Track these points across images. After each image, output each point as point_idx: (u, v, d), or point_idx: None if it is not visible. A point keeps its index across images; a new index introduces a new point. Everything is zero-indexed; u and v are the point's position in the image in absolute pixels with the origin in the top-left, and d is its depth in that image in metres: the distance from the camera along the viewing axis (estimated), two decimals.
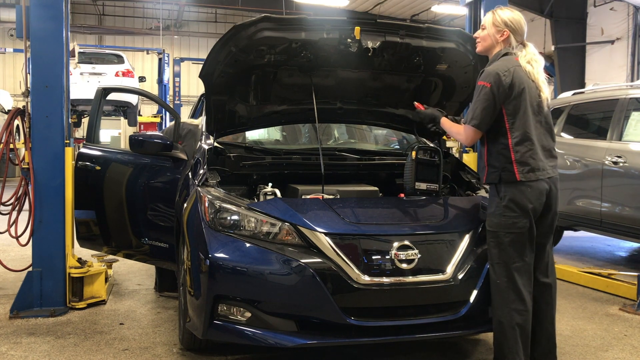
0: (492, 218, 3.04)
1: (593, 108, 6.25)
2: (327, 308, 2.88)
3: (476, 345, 3.71)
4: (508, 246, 2.98)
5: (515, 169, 2.97)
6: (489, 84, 2.96)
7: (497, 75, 2.96)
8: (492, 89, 2.95)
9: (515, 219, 2.97)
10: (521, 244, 2.98)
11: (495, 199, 3.04)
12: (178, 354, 3.48)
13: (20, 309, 4.15)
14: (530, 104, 3.02)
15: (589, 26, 17.09)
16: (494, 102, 2.97)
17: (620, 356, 3.60)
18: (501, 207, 2.99)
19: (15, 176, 15.26)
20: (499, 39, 3.10)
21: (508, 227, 2.98)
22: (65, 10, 4.21)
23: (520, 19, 3.13)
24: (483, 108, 2.98)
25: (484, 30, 3.16)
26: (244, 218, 3.09)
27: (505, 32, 3.09)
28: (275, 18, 3.34)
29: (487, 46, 3.16)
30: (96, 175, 4.39)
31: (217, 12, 24.85)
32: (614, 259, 6.61)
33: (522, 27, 3.11)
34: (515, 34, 3.09)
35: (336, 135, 4.96)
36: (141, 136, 4.27)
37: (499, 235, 2.99)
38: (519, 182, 2.96)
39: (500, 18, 3.09)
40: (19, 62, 20.96)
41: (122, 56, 15.62)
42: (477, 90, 3.02)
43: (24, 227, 4.29)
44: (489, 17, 3.15)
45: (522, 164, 2.97)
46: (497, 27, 3.10)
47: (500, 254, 3.00)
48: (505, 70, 2.98)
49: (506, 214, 2.97)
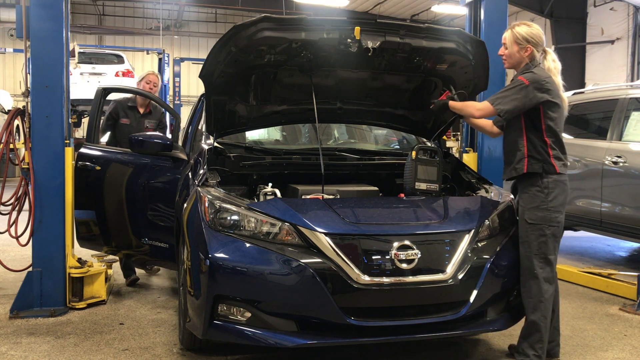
0: (536, 212, 3.24)
1: (593, 108, 6.25)
2: (327, 308, 2.88)
3: (476, 345, 3.71)
4: (549, 239, 3.23)
5: (554, 163, 3.25)
6: (528, 81, 3.20)
7: (539, 80, 3.21)
8: (529, 87, 3.19)
9: (558, 213, 3.25)
10: (557, 237, 3.27)
11: (540, 195, 3.24)
12: (178, 354, 3.48)
13: (20, 309, 4.15)
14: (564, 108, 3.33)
15: (589, 26, 17.10)
16: (525, 99, 3.19)
17: (620, 356, 3.60)
18: (547, 202, 3.22)
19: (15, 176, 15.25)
20: (524, 55, 3.32)
21: (550, 221, 3.23)
22: (65, 10, 4.20)
23: (539, 31, 3.35)
24: (514, 99, 3.20)
25: (507, 49, 3.37)
26: (244, 218, 3.09)
27: (528, 48, 3.31)
28: (275, 18, 3.33)
29: (514, 63, 3.38)
30: (96, 175, 4.39)
31: (217, 12, 24.84)
32: (614, 259, 6.61)
33: (542, 39, 3.35)
34: (537, 47, 3.32)
35: (336, 135, 4.96)
36: (141, 136, 4.27)
37: (542, 228, 3.23)
38: (560, 178, 3.25)
39: (521, 35, 3.31)
40: (19, 62, 20.94)
41: (122, 56, 15.61)
42: (515, 83, 3.22)
43: (24, 227, 4.29)
44: (509, 36, 3.36)
45: (558, 159, 3.27)
46: (520, 44, 3.32)
47: (540, 246, 3.23)
48: (546, 76, 3.25)
49: (551, 208, 3.22)
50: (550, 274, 3.25)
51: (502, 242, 3.30)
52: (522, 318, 3.36)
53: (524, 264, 3.27)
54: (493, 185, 3.82)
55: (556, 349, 3.45)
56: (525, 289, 3.26)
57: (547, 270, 3.24)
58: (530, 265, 3.24)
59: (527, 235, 3.26)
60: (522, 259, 3.28)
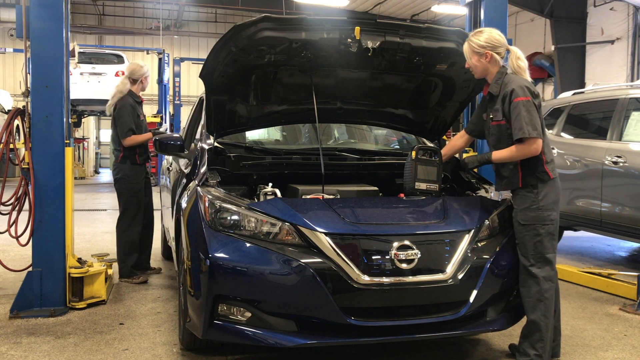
0: (528, 212, 3.23)
1: (593, 108, 6.25)
2: (327, 308, 2.88)
3: (476, 345, 3.72)
4: (544, 238, 3.21)
5: (547, 169, 3.24)
6: (529, 97, 3.18)
7: (530, 89, 3.21)
8: (533, 101, 3.19)
9: (550, 211, 3.23)
10: (553, 235, 3.25)
11: (530, 195, 3.24)
12: (178, 354, 3.48)
13: (20, 309, 4.15)
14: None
15: (589, 26, 17.10)
16: (537, 111, 3.21)
17: (620, 356, 3.60)
18: (537, 202, 3.21)
19: (15, 176, 15.26)
20: (485, 62, 3.31)
21: (543, 220, 3.21)
22: (65, 10, 4.21)
23: (494, 34, 3.32)
24: (536, 117, 3.17)
25: (468, 61, 3.38)
26: (244, 218, 3.09)
27: (487, 54, 3.30)
28: (276, 18, 3.33)
29: (480, 71, 3.37)
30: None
31: (217, 12, 24.87)
32: (614, 259, 6.61)
33: (499, 41, 3.31)
34: (496, 49, 3.31)
35: (336, 135, 4.96)
36: (162, 138, 4.17)
37: (536, 228, 3.21)
38: (552, 179, 3.24)
39: (477, 44, 3.31)
40: (19, 62, 20.96)
41: (122, 56, 15.63)
42: (521, 105, 3.16)
43: (24, 227, 4.29)
44: (466, 48, 3.37)
45: (550, 163, 3.26)
46: (478, 52, 3.31)
47: (536, 246, 3.22)
48: (528, 82, 3.24)
49: (542, 207, 3.21)
50: (550, 273, 3.25)
51: (501, 242, 3.30)
52: (522, 318, 3.36)
53: (522, 264, 3.26)
54: (493, 186, 3.81)
55: (557, 348, 3.45)
56: (524, 288, 3.26)
57: (546, 269, 3.24)
58: (528, 266, 3.24)
59: (522, 236, 3.25)
60: (520, 259, 3.28)
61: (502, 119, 3.27)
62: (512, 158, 3.25)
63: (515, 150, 3.21)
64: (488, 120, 3.39)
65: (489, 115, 3.37)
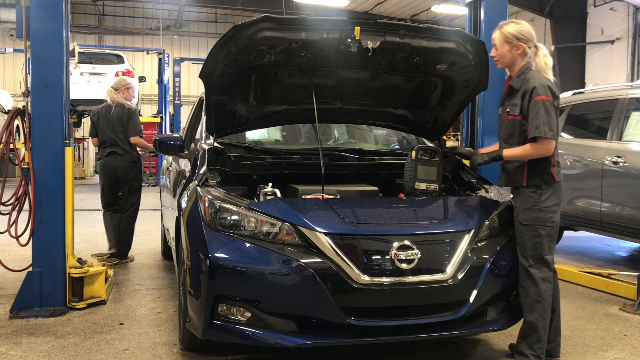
0: (530, 213, 3.22)
1: (593, 108, 6.25)
2: (327, 308, 2.88)
3: (476, 345, 3.71)
4: (544, 239, 3.21)
5: (553, 172, 3.23)
6: (550, 97, 3.16)
7: (551, 89, 3.19)
8: (552, 101, 3.17)
9: (552, 213, 3.22)
10: (552, 237, 3.25)
11: (533, 195, 3.23)
12: (178, 354, 3.48)
13: (20, 309, 4.15)
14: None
15: (589, 26, 17.11)
16: (555, 112, 3.19)
17: (620, 356, 3.60)
18: (540, 203, 3.21)
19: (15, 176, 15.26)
20: (516, 54, 3.29)
21: (544, 221, 3.21)
22: (65, 10, 4.20)
23: (528, 27, 3.32)
24: (554, 118, 3.16)
25: (497, 50, 3.34)
26: (244, 218, 3.09)
27: (520, 46, 3.28)
28: (276, 18, 3.33)
29: (507, 63, 3.35)
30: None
31: (217, 12, 24.87)
32: (614, 259, 6.61)
33: (532, 35, 3.31)
34: (528, 43, 3.29)
35: (336, 135, 4.96)
36: (162, 138, 4.28)
37: (537, 229, 3.21)
38: (557, 182, 3.24)
39: (511, 34, 3.28)
40: (19, 62, 20.95)
41: (122, 56, 15.62)
42: (541, 103, 3.14)
43: (24, 227, 4.29)
44: (499, 36, 3.33)
45: (556, 166, 3.26)
46: (511, 43, 3.29)
47: (535, 247, 3.22)
48: (551, 82, 3.22)
49: (544, 209, 3.20)
50: (548, 274, 3.25)
51: (501, 242, 3.30)
52: (522, 318, 3.36)
53: (521, 264, 3.27)
54: (493, 185, 3.81)
55: (556, 348, 3.45)
56: (522, 289, 3.26)
57: (544, 271, 3.23)
58: (527, 266, 3.24)
59: (522, 236, 3.25)
60: (519, 259, 3.28)
61: (518, 115, 3.24)
62: (524, 157, 3.22)
63: (528, 149, 3.20)
64: (503, 114, 3.36)
65: (505, 109, 3.34)
